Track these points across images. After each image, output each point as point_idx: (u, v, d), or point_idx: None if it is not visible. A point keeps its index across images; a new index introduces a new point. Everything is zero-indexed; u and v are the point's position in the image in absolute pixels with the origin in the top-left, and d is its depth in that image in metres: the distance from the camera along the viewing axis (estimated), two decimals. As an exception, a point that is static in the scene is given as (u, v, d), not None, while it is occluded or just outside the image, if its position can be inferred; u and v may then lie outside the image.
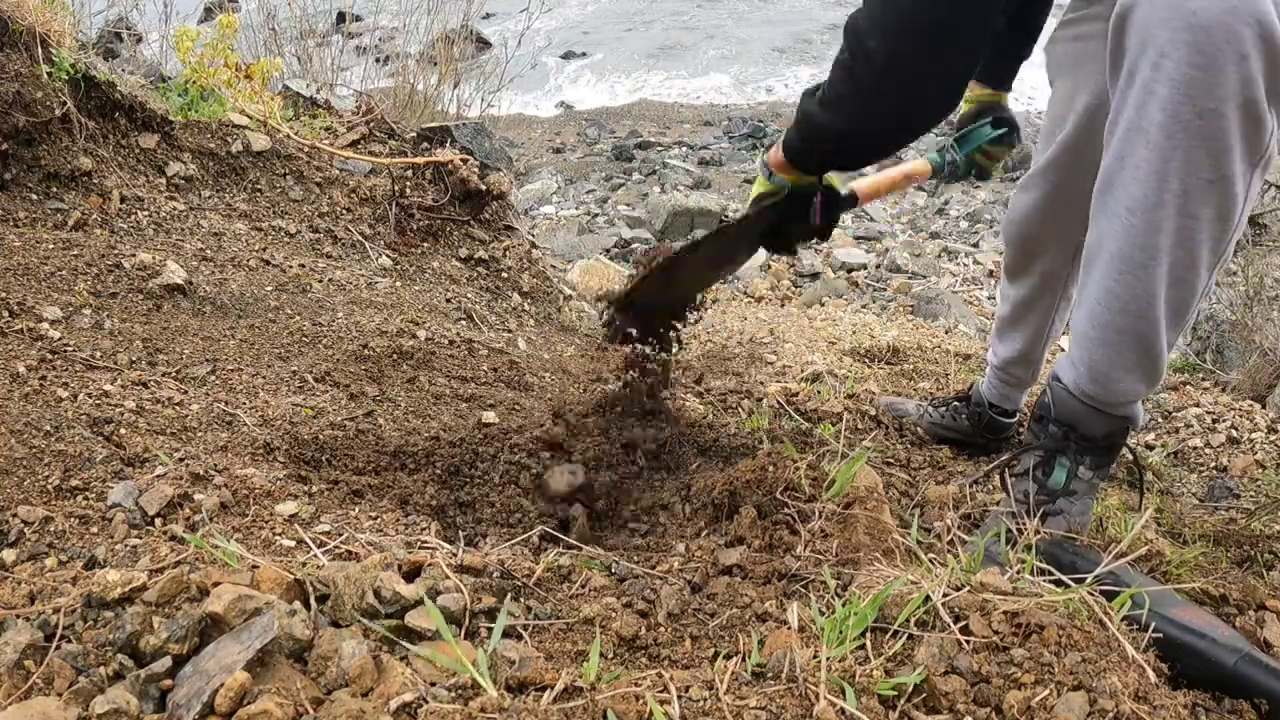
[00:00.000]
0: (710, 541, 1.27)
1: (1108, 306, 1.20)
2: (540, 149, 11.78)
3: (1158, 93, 1.06)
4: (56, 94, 2.39)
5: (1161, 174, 1.09)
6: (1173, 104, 1.05)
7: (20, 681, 0.83)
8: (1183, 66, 1.03)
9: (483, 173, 3.15)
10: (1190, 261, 1.15)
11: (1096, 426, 1.31)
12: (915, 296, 6.01)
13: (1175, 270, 1.15)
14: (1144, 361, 1.23)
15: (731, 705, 0.83)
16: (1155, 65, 1.05)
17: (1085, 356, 1.26)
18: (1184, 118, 1.05)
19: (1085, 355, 1.26)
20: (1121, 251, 1.16)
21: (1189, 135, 1.06)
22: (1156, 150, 1.09)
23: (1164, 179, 1.09)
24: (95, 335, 1.77)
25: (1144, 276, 1.16)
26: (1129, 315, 1.19)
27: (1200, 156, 1.07)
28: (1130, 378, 1.25)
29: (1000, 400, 2.00)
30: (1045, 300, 1.86)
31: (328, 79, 4.89)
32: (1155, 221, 1.12)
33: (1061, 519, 1.31)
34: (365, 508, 1.38)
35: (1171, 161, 1.08)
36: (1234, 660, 1.05)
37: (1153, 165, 1.10)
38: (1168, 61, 1.04)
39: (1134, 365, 1.23)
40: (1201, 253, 1.14)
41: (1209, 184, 1.09)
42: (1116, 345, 1.22)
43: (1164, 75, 1.05)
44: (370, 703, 0.81)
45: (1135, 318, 1.19)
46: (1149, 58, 1.06)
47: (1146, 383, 1.27)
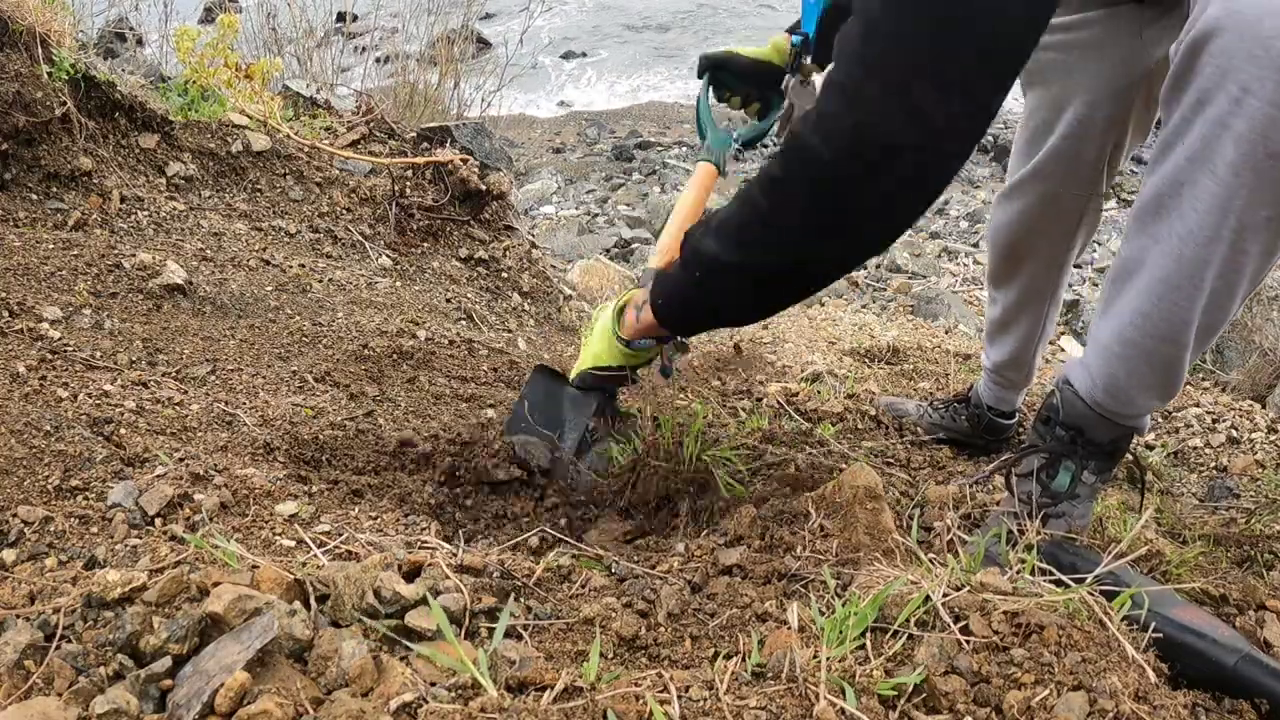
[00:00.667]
0: (710, 541, 1.27)
1: (1139, 328, 1.19)
2: (540, 149, 11.78)
3: (1234, 128, 1.03)
4: (56, 94, 2.39)
5: (1224, 210, 1.07)
6: (1248, 143, 1.03)
7: (20, 681, 0.83)
8: (1265, 106, 1.00)
9: (483, 173, 3.16)
10: (1230, 292, 1.14)
11: (1104, 433, 1.30)
12: (915, 296, 6.01)
13: (1213, 299, 1.14)
14: (1165, 381, 1.23)
15: (731, 705, 0.83)
16: (1236, 100, 1.02)
17: (1105, 370, 1.25)
18: (1257, 157, 1.03)
19: (1105, 369, 1.25)
20: (1167, 278, 1.14)
21: (1258, 175, 1.04)
22: (1223, 186, 1.06)
23: (1225, 215, 1.08)
24: (95, 335, 1.77)
25: (1185, 305, 1.14)
26: (1160, 339, 1.18)
27: (1264, 195, 1.05)
28: (1148, 395, 1.25)
29: (997, 402, 2.00)
30: (1034, 306, 1.86)
31: (328, 79, 4.89)
32: (1207, 255, 1.11)
33: (1063, 521, 1.31)
34: (365, 508, 1.38)
35: (1236, 199, 1.06)
36: (1234, 660, 1.05)
37: (1216, 199, 1.07)
38: (1251, 99, 1.01)
39: (1155, 384, 1.23)
40: (1242, 284, 1.14)
41: (1265, 221, 1.08)
42: (1141, 365, 1.21)
43: (1244, 112, 1.02)
44: (370, 703, 0.81)
45: (1166, 342, 1.18)
46: (1228, 91, 1.03)
47: (1161, 399, 1.27)
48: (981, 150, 12.06)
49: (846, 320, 4.24)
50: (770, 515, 1.32)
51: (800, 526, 1.27)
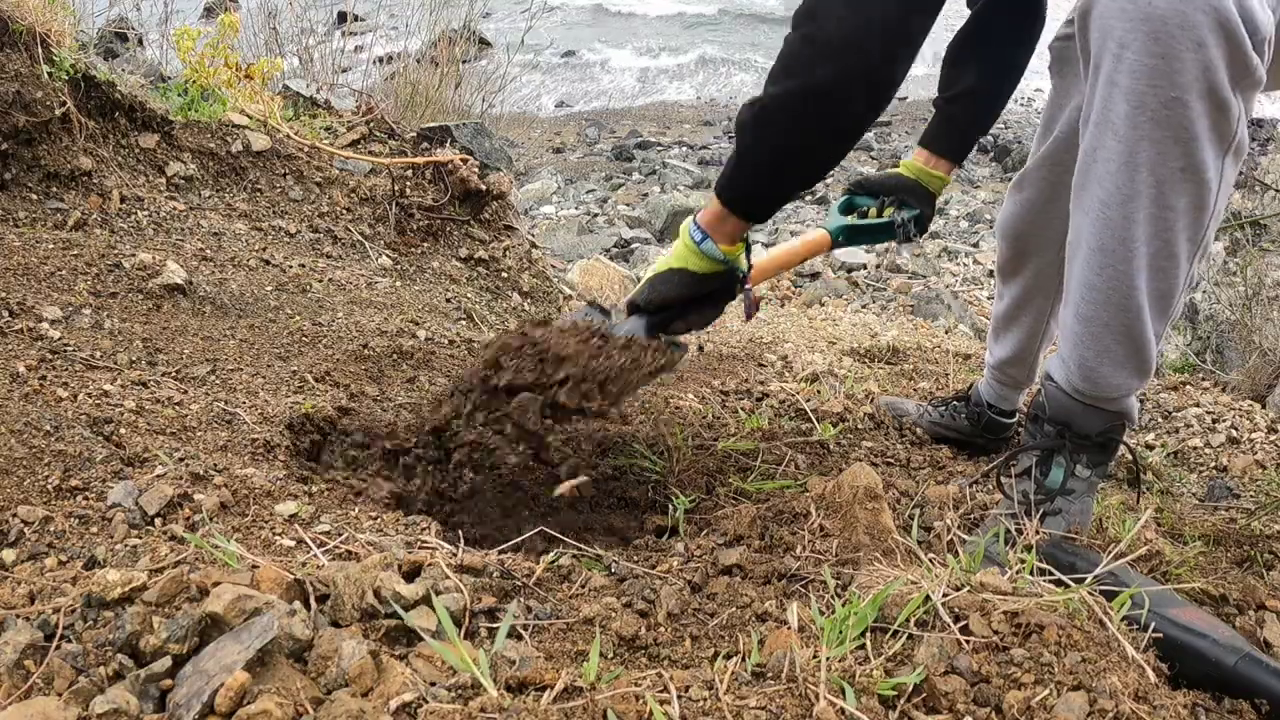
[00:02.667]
0: (710, 541, 1.27)
1: (1090, 301, 1.21)
2: (540, 149, 11.77)
3: (1120, 84, 1.07)
4: (56, 94, 2.39)
5: (1131, 165, 1.10)
6: (1135, 94, 1.06)
7: (20, 681, 0.83)
8: (1142, 56, 1.04)
9: (483, 173, 3.15)
10: (1169, 251, 1.15)
11: (1091, 423, 1.31)
12: (915, 296, 6.01)
13: (1154, 260, 1.16)
14: (1131, 354, 1.23)
15: (731, 705, 0.83)
16: (1116, 57, 1.07)
17: (1074, 352, 1.27)
18: (1149, 107, 1.06)
19: (1073, 351, 1.27)
20: (1100, 245, 1.17)
21: (1155, 125, 1.07)
22: (1124, 141, 1.10)
23: (1134, 170, 1.10)
24: (95, 335, 1.77)
25: (1123, 269, 1.16)
26: (1111, 308, 1.20)
27: (1169, 146, 1.08)
28: (1120, 371, 1.25)
29: (998, 401, 2.00)
30: (1039, 300, 1.86)
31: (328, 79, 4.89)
32: (1130, 213, 1.13)
33: (1061, 519, 1.31)
34: (365, 507, 1.38)
35: (1140, 152, 1.09)
36: (1235, 660, 1.06)
37: (1122, 157, 1.11)
38: (1127, 53, 1.05)
39: (1122, 358, 1.24)
40: (1179, 241, 1.15)
41: (1180, 172, 1.10)
42: (1102, 338, 1.23)
43: (1125, 66, 1.06)
44: (370, 703, 0.81)
45: (1118, 310, 1.19)
46: (1110, 50, 1.07)
47: (1137, 376, 1.27)
48: (981, 150, 12.05)
49: (846, 320, 4.24)
50: (770, 515, 1.32)
51: (800, 526, 1.27)
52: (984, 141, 12.26)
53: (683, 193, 9.10)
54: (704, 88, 14.85)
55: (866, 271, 6.94)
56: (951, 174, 1.89)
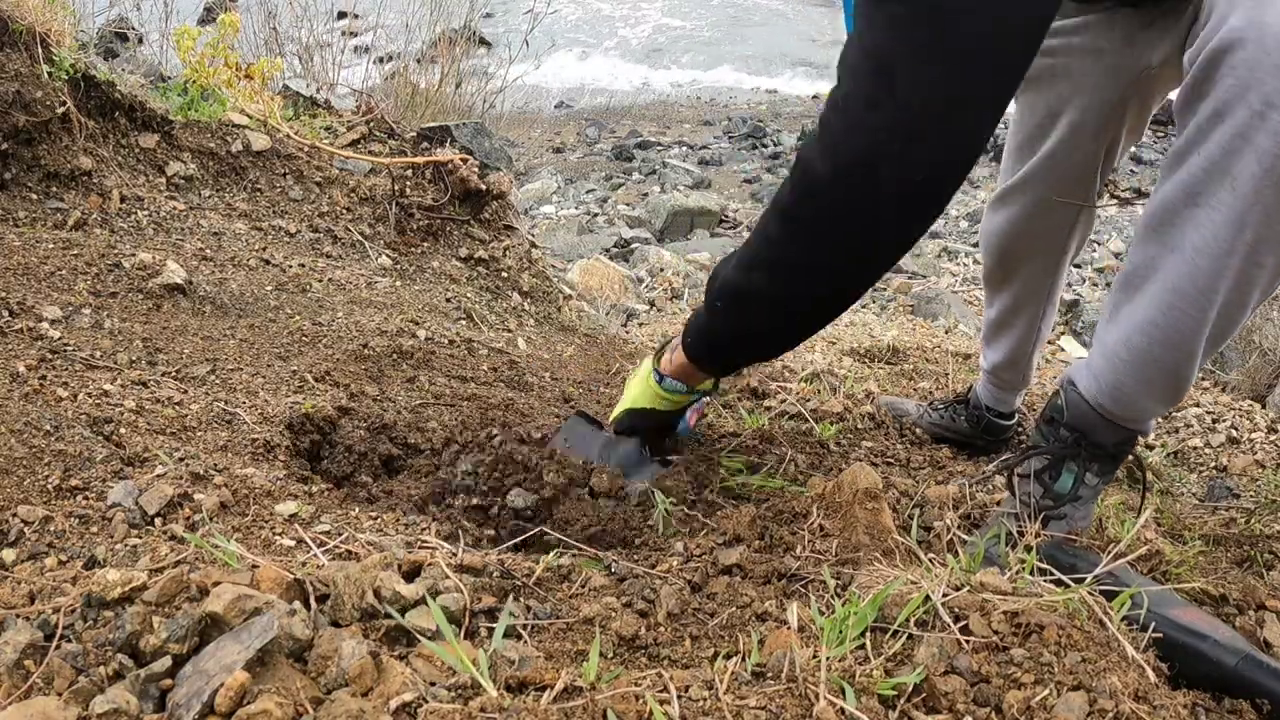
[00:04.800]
0: (710, 541, 1.27)
1: (1148, 336, 1.18)
2: (540, 149, 11.77)
3: (1256, 143, 1.02)
4: (56, 94, 2.39)
5: (1241, 223, 1.06)
6: (1271, 158, 1.01)
7: (20, 681, 0.83)
8: None
9: (483, 173, 3.15)
10: (1242, 303, 1.13)
11: (1109, 437, 1.30)
12: (915, 296, 6.01)
13: (1225, 310, 1.13)
14: (1171, 387, 1.22)
15: (731, 705, 0.83)
16: (1258, 114, 1.01)
17: (1111, 376, 1.24)
18: (1278, 172, 1.02)
19: (1112, 374, 1.24)
20: (1178, 287, 1.13)
21: (1276, 189, 1.03)
22: (1242, 200, 1.05)
23: (1241, 228, 1.07)
24: (95, 335, 1.77)
25: (1196, 316, 1.14)
26: (1169, 348, 1.17)
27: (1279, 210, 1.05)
28: (1153, 400, 1.24)
29: (995, 403, 2.01)
30: (1030, 308, 1.86)
31: (328, 79, 4.89)
32: (1221, 267, 1.10)
33: (1063, 523, 1.31)
34: (365, 507, 1.38)
35: (1253, 212, 1.05)
36: (1235, 661, 1.06)
37: (1234, 212, 1.06)
38: (1275, 114, 1.00)
39: (1161, 390, 1.22)
40: (1254, 295, 1.13)
41: None
42: (1148, 372, 1.21)
43: (1268, 127, 1.00)
44: (370, 702, 0.81)
45: (1175, 351, 1.17)
46: (1250, 104, 1.01)
47: (1168, 405, 1.26)
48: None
49: (846, 320, 4.24)
50: (770, 515, 1.32)
51: (800, 526, 1.27)
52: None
53: (683, 193, 9.10)
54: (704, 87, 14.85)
55: (866, 271, 6.92)
56: None
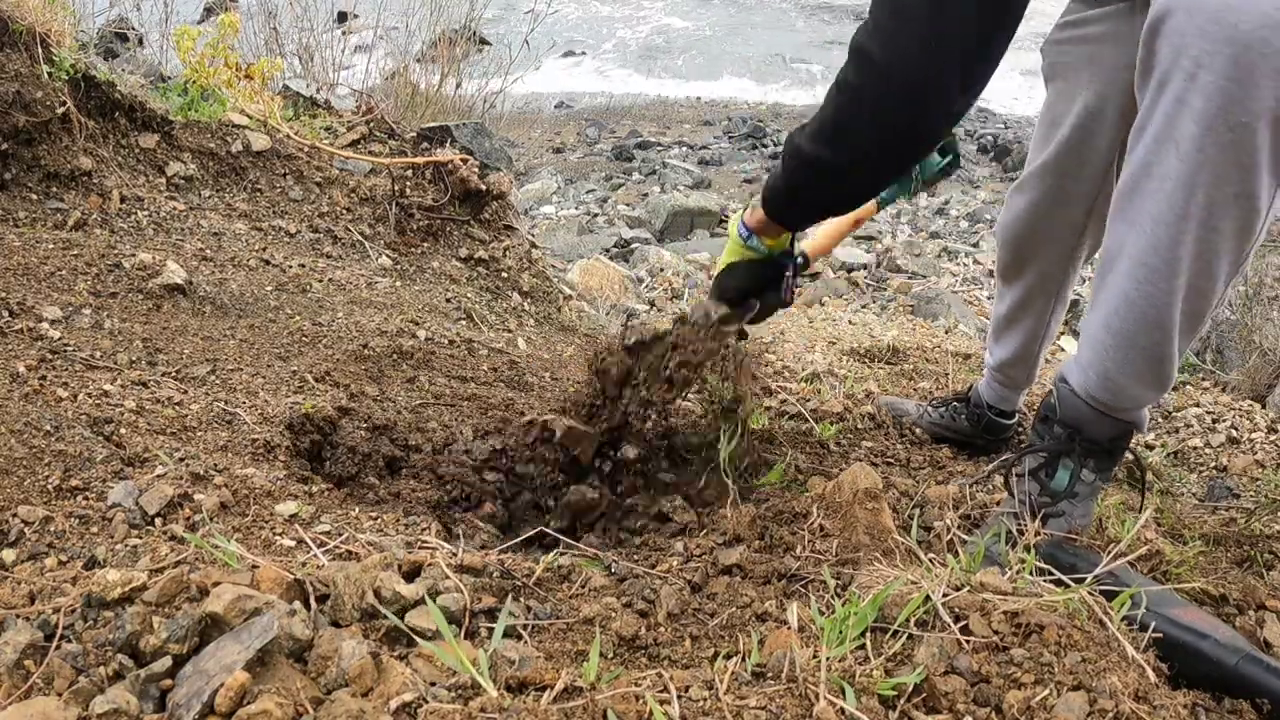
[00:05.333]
0: (710, 541, 1.27)
1: (1125, 315, 1.19)
2: (540, 149, 11.77)
3: (1191, 104, 1.04)
4: (56, 94, 2.39)
5: (1189, 186, 1.08)
6: (1207, 117, 1.03)
7: (20, 681, 0.83)
8: (1219, 79, 1.01)
9: (483, 173, 3.15)
10: (1209, 272, 1.14)
11: (1102, 430, 1.30)
12: (915, 296, 6.01)
13: (1194, 281, 1.14)
14: (1156, 370, 1.22)
15: (731, 705, 0.83)
16: (1190, 76, 1.03)
17: (1097, 362, 1.25)
18: (1217, 131, 1.03)
19: (1097, 361, 1.25)
20: (1144, 260, 1.15)
21: (1220, 149, 1.04)
22: (1186, 162, 1.07)
23: (1191, 191, 1.08)
24: (95, 335, 1.77)
25: (1164, 287, 1.15)
26: (1146, 324, 1.18)
27: (1228, 170, 1.06)
28: (1141, 385, 1.24)
29: (998, 402, 2.00)
30: (1040, 302, 1.86)
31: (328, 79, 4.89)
32: (1179, 234, 1.11)
33: (1063, 521, 1.31)
34: (365, 507, 1.38)
35: (1200, 174, 1.07)
36: (1235, 660, 1.05)
37: (1181, 177, 1.08)
38: (1204, 73, 1.02)
39: (1146, 373, 1.23)
40: (1220, 264, 1.14)
41: (1234, 198, 1.08)
42: (1130, 353, 1.21)
43: (1199, 87, 1.03)
44: (370, 703, 0.81)
45: (1151, 327, 1.18)
46: (1183, 67, 1.04)
47: (1156, 390, 1.26)
48: (981, 150, 12.06)
49: (846, 320, 4.24)
50: (770, 515, 1.32)
51: (800, 526, 1.27)
52: (983, 141, 12.28)
53: (683, 193, 9.10)
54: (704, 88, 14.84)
55: (867, 271, 6.94)
56: None
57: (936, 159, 1.86)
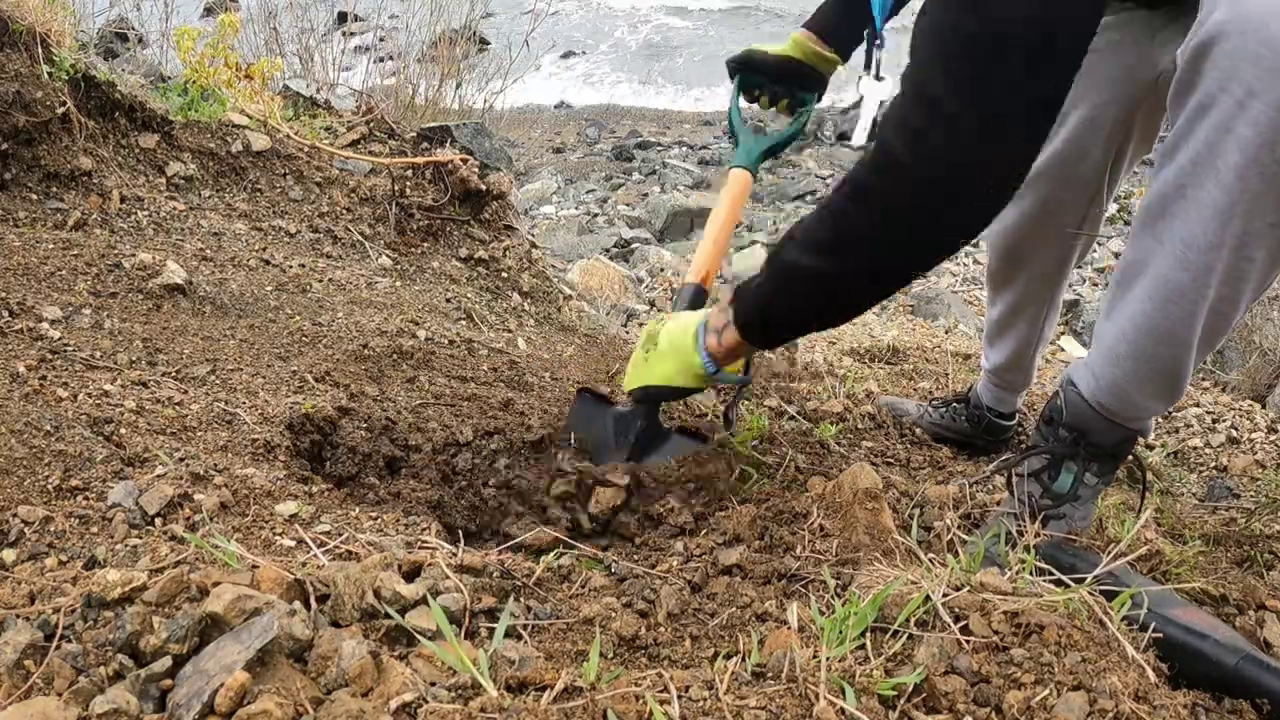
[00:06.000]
0: (710, 541, 1.27)
1: (1145, 331, 1.18)
2: (540, 149, 11.77)
3: (1238, 133, 1.02)
4: (56, 94, 2.39)
5: (1227, 215, 1.06)
6: (1254, 148, 1.01)
7: (20, 681, 0.83)
8: (1271, 111, 0.99)
9: (483, 173, 3.15)
10: (1234, 299, 1.13)
11: (1108, 436, 1.29)
12: (915, 296, 6.01)
13: (1218, 305, 1.13)
14: (1167, 384, 1.22)
15: (731, 705, 0.83)
16: (1240, 104, 1.01)
17: (1109, 373, 1.24)
18: (1262, 162, 1.01)
19: (1109, 372, 1.24)
20: (1170, 283, 1.13)
21: (1264, 181, 1.02)
22: (1226, 191, 1.05)
23: (1228, 221, 1.06)
24: (95, 335, 1.77)
25: (1188, 310, 1.13)
26: (1163, 343, 1.17)
27: (1268, 203, 1.04)
28: (1152, 398, 1.24)
29: (996, 404, 2.00)
30: (1032, 309, 1.85)
31: (328, 79, 4.89)
32: (1211, 261, 1.09)
33: (1063, 523, 1.31)
34: (365, 508, 1.38)
35: (1239, 204, 1.05)
36: (1235, 661, 1.06)
37: (1219, 205, 1.06)
38: (1255, 103, 0.99)
39: (1158, 388, 1.22)
40: (1247, 290, 1.13)
41: (1270, 228, 1.06)
42: (1144, 368, 1.20)
43: (1248, 117, 1.00)
44: (370, 703, 0.81)
45: (1169, 346, 1.17)
46: (1232, 94, 1.01)
47: (1166, 402, 1.26)
48: (981, 150, 12.04)
49: (846, 320, 4.22)
50: (770, 515, 1.32)
51: (800, 526, 1.27)
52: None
53: (683, 193, 9.10)
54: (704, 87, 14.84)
55: (866, 271, 6.92)
56: (839, 62, 1.77)
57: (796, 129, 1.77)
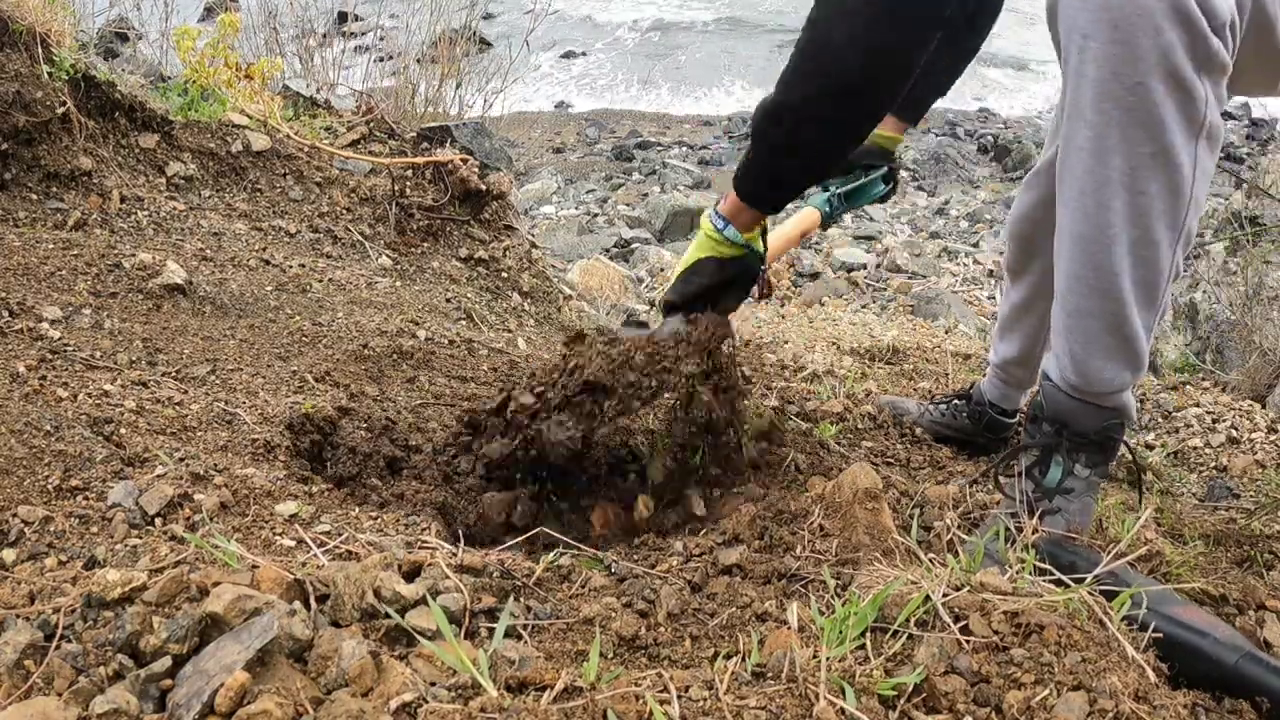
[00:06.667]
0: (710, 541, 1.27)
1: (1074, 291, 1.23)
2: (540, 149, 11.77)
3: (1086, 74, 1.11)
4: (56, 94, 2.39)
5: (1100, 151, 1.13)
6: (1100, 82, 1.10)
7: (20, 681, 0.83)
8: (1104, 45, 1.08)
9: (483, 173, 3.16)
10: (1148, 238, 1.17)
11: (1087, 421, 1.31)
12: (915, 296, 6.01)
13: (1134, 248, 1.18)
14: (1120, 344, 1.24)
15: (731, 705, 0.83)
16: (1080, 48, 1.11)
17: (1064, 345, 1.28)
18: (1113, 94, 1.10)
19: (1064, 344, 1.28)
20: (1079, 233, 1.19)
21: (1121, 111, 1.11)
22: (1093, 128, 1.13)
23: (1104, 156, 1.13)
24: (95, 335, 1.77)
25: (1104, 256, 1.18)
26: (1096, 296, 1.21)
27: (1136, 131, 1.11)
28: (1110, 364, 1.26)
29: (1000, 400, 2.00)
30: (1043, 301, 1.85)
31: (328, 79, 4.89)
32: (1104, 200, 1.16)
33: (1060, 518, 1.31)
34: (365, 508, 1.38)
35: (1108, 138, 1.12)
36: (1235, 659, 1.06)
37: (1092, 144, 1.14)
38: (1090, 43, 1.10)
39: (1111, 348, 1.25)
40: (1158, 228, 1.17)
41: (1150, 157, 1.13)
42: (1089, 328, 1.24)
43: (1089, 56, 1.10)
44: (370, 703, 0.81)
45: (1102, 298, 1.21)
46: (1075, 41, 1.12)
47: (1129, 368, 1.27)
48: (981, 150, 12.06)
49: (846, 320, 4.24)
50: (770, 515, 1.32)
51: (800, 526, 1.27)
52: (983, 141, 12.28)
53: (683, 193, 9.11)
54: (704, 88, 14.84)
55: (866, 271, 6.94)
56: (904, 132, 1.95)
57: (879, 188, 1.94)
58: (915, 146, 11.44)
